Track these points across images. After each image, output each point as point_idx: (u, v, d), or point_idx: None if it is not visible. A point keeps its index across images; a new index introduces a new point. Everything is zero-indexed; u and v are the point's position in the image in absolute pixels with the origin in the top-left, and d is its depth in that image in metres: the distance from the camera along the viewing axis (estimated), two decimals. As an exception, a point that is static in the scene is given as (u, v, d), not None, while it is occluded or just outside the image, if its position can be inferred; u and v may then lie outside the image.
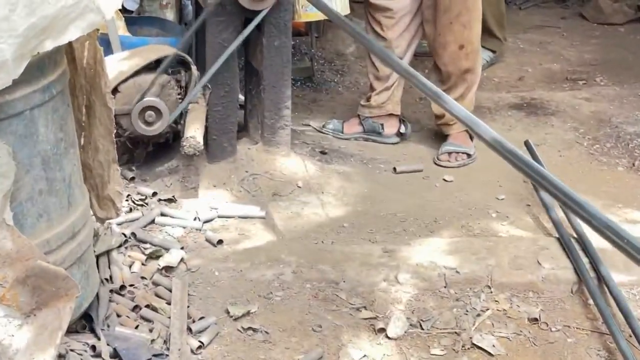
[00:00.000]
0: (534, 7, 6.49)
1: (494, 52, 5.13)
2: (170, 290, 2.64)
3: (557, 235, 3.05)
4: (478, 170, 3.69)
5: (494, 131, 1.66)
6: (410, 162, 3.75)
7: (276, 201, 3.28)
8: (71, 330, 2.35)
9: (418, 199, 3.43)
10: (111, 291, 2.58)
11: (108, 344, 2.34)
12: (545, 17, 6.23)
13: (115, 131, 2.63)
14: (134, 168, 3.38)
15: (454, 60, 3.75)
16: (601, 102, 4.50)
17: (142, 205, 3.13)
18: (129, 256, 2.80)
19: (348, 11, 3.77)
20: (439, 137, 3.95)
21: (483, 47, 5.05)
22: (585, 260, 2.86)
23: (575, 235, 3.01)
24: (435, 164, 3.77)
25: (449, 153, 3.78)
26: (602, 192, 3.54)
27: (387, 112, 3.94)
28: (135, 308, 2.55)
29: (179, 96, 3.28)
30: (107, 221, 2.68)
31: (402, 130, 3.98)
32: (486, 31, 4.96)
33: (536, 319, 2.68)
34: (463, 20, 3.67)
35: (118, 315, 2.50)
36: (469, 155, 3.77)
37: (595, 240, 2.81)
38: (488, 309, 2.71)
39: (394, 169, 3.66)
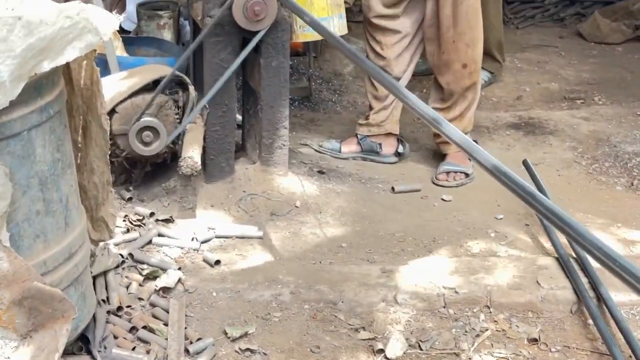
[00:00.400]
0: (532, 27, 6.50)
1: (492, 73, 5.14)
2: (168, 312, 2.63)
3: (556, 255, 3.04)
4: (476, 190, 3.69)
5: (492, 157, 1.65)
6: (409, 182, 3.75)
7: (274, 221, 3.27)
8: (68, 352, 2.33)
9: (416, 218, 3.42)
10: (108, 312, 2.57)
11: (105, 366, 2.33)
12: (542, 36, 6.24)
13: (112, 152, 2.63)
14: (131, 188, 3.37)
15: (457, 79, 3.76)
16: (599, 121, 4.50)
17: (139, 226, 3.12)
18: (126, 277, 2.79)
19: (346, 31, 3.77)
20: (437, 156, 3.94)
21: (482, 68, 5.08)
22: (584, 280, 2.85)
23: (574, 255, 3.00)
24: (434, 183, 3.76)
25: (447, 172, 3.78)
26: (600, 211, 3.53)
27: (386, 132, 3.94)
28: (132, 329, 2.53)
29: (177, 116, 3.28)
30: (104, 242, 2.67)
31: (400, 150, 3.97)
32: (485, 53, 4.97)
33: (535, 340, 2.66)
34: (466, 39, 3.68)
35: (115, 337, 2.49)
36: (467, 175, 3.77)
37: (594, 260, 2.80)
38: (487, 329, 2.70)
39: (392, 188, 3.66)
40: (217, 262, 2.92)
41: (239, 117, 3.72)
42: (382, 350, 2.56)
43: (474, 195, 3.65)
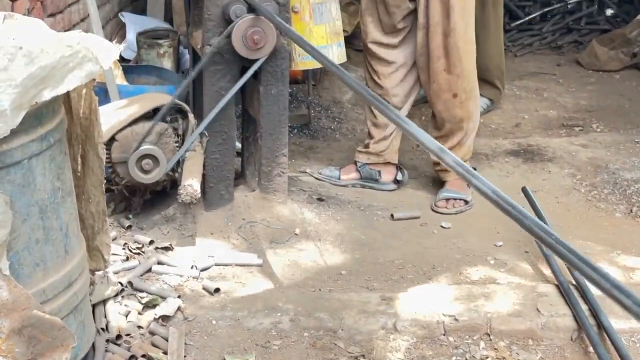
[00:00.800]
0: (530, 54, 6.54)
1: (491, 100, 5.15)
2: (167, 340, 2.62)
3: (556, 283, 3.03)
4: (475, 217, 3.69)
5: (493, 185, 1.65)
6: (408, 209, 3.75)
7: (273, 249, 3.27)
8: (67, 381, 2.32)
9: (416, 245, 3.42)
10: (107, 341, 2.56)
11: (104, 395, 2.32)
12: (540, 64, 6.27)
13: (111, 180, 2.63)
14: (131, 216, 3.37)
15: (448, 109, 3.76)
16: (598, 148, 4.51)
17: (138, 254, 3.12)
18: (125, 305, 2.78)
19: (345, 59, 3.79)
20: (436, 183, 3.95)
21: (481, 95, 5.09)
22: (584, 307, 2.84)
23: (574, 282, 3.00)
24: (433, 210, 3.76)
25: (447, 199, 3.78)
26: (600, 238, 3.53)
27: (385, 161, 3.95)
28: (132, 358, 2.52)
29: (177, 144, 3.29)
30: (101, 271, 2.67)
31: (399, 177, 3.98)
32: (485, 80, 5.00)
33: (536, 367, 2.66)
34: (456, 70, 3.68)
35: (114, 365, 2.48)
36: (466, 202, 3.77)
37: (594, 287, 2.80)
38: (487, 357, 2.69)
39: (392, 215, 3.66)
40: (217, 290, 2.92)
41: (239, 145, 3.72)
42: (382, 379, 2.56)
43: (473, 222, 3.65)
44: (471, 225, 3.63)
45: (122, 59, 4.65)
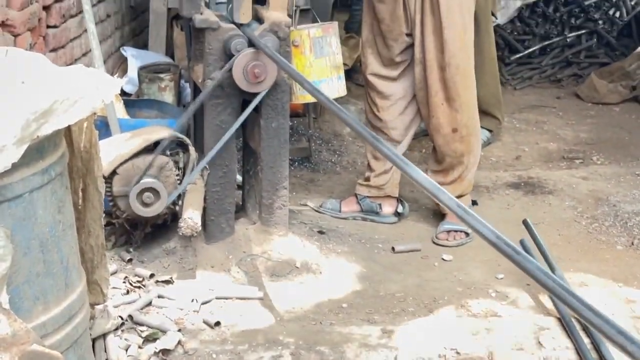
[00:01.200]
0: (529, 87, 6.57)
1: (490, 131, 5.17)
2: (167, 374, 2.61)
3: (557, 316, 3.02)
4: (476, 249, 3.68)
5: (491, 226, 1.65)
6: (409, 242, 3.74)
7: (274, 282, 3.27)
8: (66, 416, 2.31)
9: (417, 278, 3.41)
10: (107, 375, 2.55)
11: None
12: (540, 96, 6.30)
13: (112, 213, 2.63)
14: (131, 250, 3.37)
15: (448, 143, 3.76)
16: (598, 180, 4.51)
17: (139, 287, 3.11)
18: (125, 339, 2.77)
19: (345, 93, 3.80)
20: (437, 216, 3.95)
21: (481, 126, 5.11)
22: (586, 340, 2.83)
23: (576, 316, 2.98)
24: (434, 242, 3.76)
25: (447, 232, 3.78)
26: (601, 271, 3.52)
27: (386, 194, 3.95)
28: (132, 392, 2.51)
29: (177, 177, 3.29)
30: (102, 304, 2.66)
31: (400, 210, 3.98)
32: (484, 111, 5.01)
33: (538, 401, 2.64)
34: (455, 105, 3.69)
35: (114, 400, 2.47)
36: (467, 234, 3.77)
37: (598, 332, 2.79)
38: (489, 391, 2.67)
39: (393, 248, 3.66)
40: (217, 323, 2.91)
41: (239, 178, 3.73)
42: (383, 413, 2.54)
43: (474, 254, 3.65)
44: (472, 257, 3.62)
45: (123, 93, 4.66)
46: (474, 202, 3.96)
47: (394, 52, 3.76)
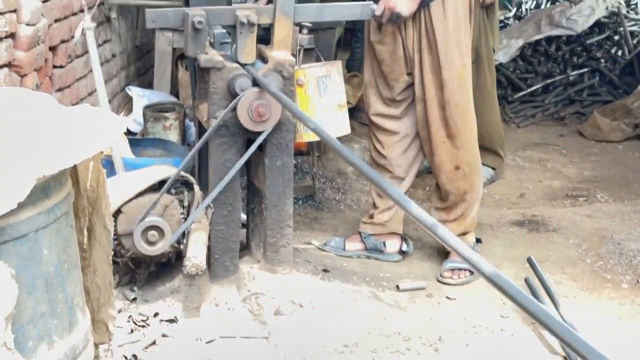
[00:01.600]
0: (533, 125, 6.59)
1: (494, 169, 5.18)
2: (171, 414, 2.59)
3: (564, 354, 3.01)
4: (481, 287, 3.67)
5: (492, 266, 1.66)
6: (413, 280, 3.73)
7: (279, 321, 3.25)
8: None
9: (422, 317, 3.40)
10: (111, 415, 2.53)
11: None
12: (543, 134, 6.31)
13: (117, 252, 2.63)
14: (135, 288, 3.36)
15: (451, 181, 3.78)
16: (603, 218, 4.51)
17: (143, 327, 3.10)
18: (129, 378, 2.76)
19: (349, 131, 3.81)
20: (441, 254, 3.94)
21: (483, 164, 5.12)
22: (593, 379, 2.81)
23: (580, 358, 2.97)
24: (439, 281, 3.75)
25: (452, 270, 3.77)
26: (607, 309, 3.50)
27: (390, 231, 3.95)
28: None
29: (182, 216, 3.30)
30: (108, 343, 2.65)
31: (404, 248, 3.98)
32: (486, 149, 5.03)
33: None
34: (456, 142, 3.71)
35: None
36: (471, 272, 3.76)
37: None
38: None
39: (397, 286, 3.64)
40: (222, 362, 2.90)
41: (244, 216, 3.73)
42: None
43: (479, 292, 3.63)
44: (477, 296, 3.61)
45: (128, 132, 4.69)
46: (478, 240, 3.96)
47: (395, 92, 3.79)
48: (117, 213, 3.17)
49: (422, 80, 3.68)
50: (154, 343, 3.00)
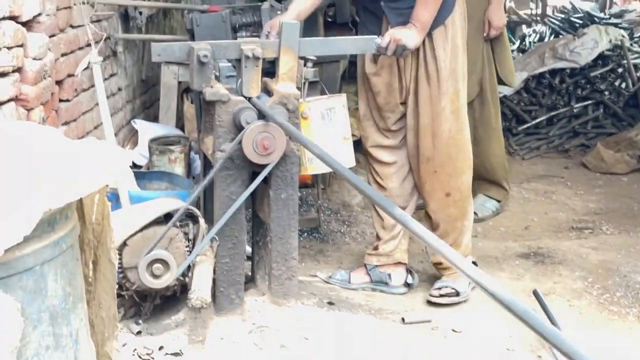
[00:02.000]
0: (537, 157, 6.60)
1: (499, 201, 5.18)
2: None
3: (570, 387, 2.98)
4: (486, 320, 3.65)
5: (501, 286, 1.66)
6: (419, 313, 3.72)
7: (284, 354, 3.24)
8: None
9: (428, 350, 3.38)
10: None
11: None
12: (548, 167, 6.32)
13: (122, 285, 2.62)
14: (140, 322, 3.35)
15: (442, 208, 3.79)
16: (608, 251, 4.50)
17: (148, 360, 3.09)
18: (134, 413, 2.75)
19: (354, 163, 3.83)
20: (446, 286, 3.94)
21: (488, 196, 5.12)
22: (600, 413, 2.79)
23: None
24: (428, 302, 3.77)
25: (439, 288, 3.81)
26: (614, 342, 3.48)
27: (395, 261, 3.95)
28: None
29: (187, 249, 3.30)
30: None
31: (409, 280, 3.98)
32: (490, 181, 5.04)
33: None
34: (447, 170, 3.74)
35: None
36: (458, 293, 3.78)
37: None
38: None
39: (403, 319, 3.63)
40: (226, 396, 2.88)
41: (249, 249, 3.73)
42: None
43: (485, 326, 3.62)
44: (483, 329, 3.59)
45: (134, 165, 4.70)
46: (474, 263, 3.95)
47: (390, 122, 3.84)
48: (122, 246, 3.17)
49: (417, 109, 3.71)
50: (158, 377, 2.99)
